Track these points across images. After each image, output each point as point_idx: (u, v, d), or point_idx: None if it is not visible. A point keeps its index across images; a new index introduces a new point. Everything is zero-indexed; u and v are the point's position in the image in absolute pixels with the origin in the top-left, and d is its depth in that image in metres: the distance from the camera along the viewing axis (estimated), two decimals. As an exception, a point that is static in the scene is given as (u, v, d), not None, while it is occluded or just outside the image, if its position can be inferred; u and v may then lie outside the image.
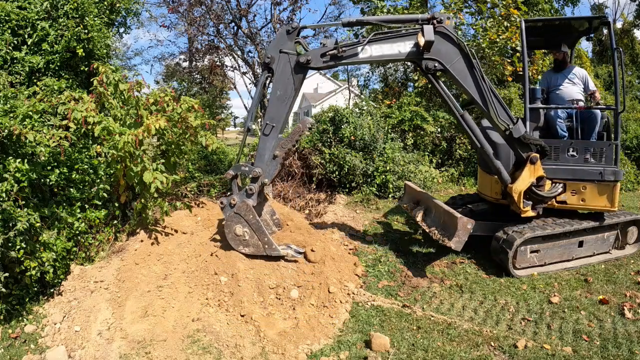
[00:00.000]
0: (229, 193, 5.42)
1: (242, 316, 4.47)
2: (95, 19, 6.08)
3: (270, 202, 6.11)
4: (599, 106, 6.11)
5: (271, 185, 8.78)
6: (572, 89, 6.23)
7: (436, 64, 5.08)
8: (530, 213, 5.50)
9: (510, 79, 12.58)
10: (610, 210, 5.74)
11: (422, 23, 5.01)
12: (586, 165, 5.73)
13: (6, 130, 4.25)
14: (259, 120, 11.87)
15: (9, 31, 5.77)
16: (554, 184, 5.75)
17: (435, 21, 4.96)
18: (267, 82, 5.35)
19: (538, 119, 6.09)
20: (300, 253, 5.18)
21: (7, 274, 4.25)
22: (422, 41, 4.91)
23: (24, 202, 4.42)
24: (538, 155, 5.26)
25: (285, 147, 5.08)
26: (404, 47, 5.07)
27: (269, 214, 5.74)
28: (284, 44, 5.15)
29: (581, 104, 6.17)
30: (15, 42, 5.83)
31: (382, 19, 5.51)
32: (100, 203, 5.34)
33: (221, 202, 5.16)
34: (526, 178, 5.30)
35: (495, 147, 5.69)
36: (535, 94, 6.07)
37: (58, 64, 5.94)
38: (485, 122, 5.93)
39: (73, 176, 5.07)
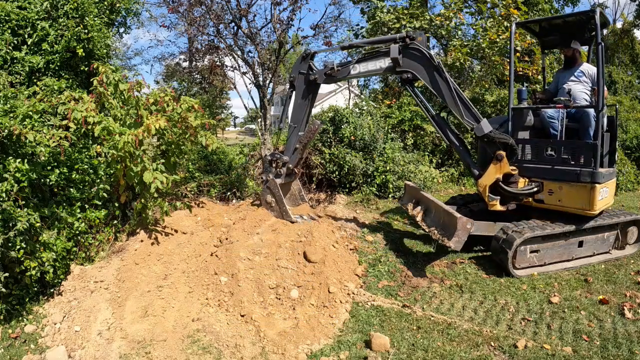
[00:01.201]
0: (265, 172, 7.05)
1: (242, 316, 4.48)
2: (95, 19, 6.08)
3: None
4: (578, 105, 6.04)
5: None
6: (576, 87, 6.16)
7: (409, 75, 5.91)
8: (498, 207, 5.73)
9: (509, 78, 12.57)
10: (588, 213, 5.59)
11: (399, 41, 5.82)
12: (563, 165, 5.69)
13: (6, 130, 4.25)
14: (259, 120, 11.87)
15: (9, 31, 5.77)
16: (530, 182, 5.83)
17: (408, 39, 5.77)
18: (292, 95, 6.77)
19: (522, 119, 6.11)
20: (312, 219, 6.34)
21: (7, 274, 4.25)
22: (391, 58, 5.84)
23: (24, 202, 4.42)
24: (504, 153, 5.53)
25: (302, 142, 6.52)
26: (384, 63, 6.06)
27: (297, 190, 7.11)
28: (301, 67, 6.53)
29: (585, 102, 6.11)
30: (15, 42, 5.83)
31: (367, 41, 6.85)
32: (100, 203, 5.34)
33: (262, 178, 6.88)
34: (491, 174, 5.62)
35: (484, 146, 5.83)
36: (521, 95, 6.26)
37: (58, 64, 5.94)
38: None
39: (73, 176, 5.07)
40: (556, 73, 6.93)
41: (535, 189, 5.79)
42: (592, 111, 5.80)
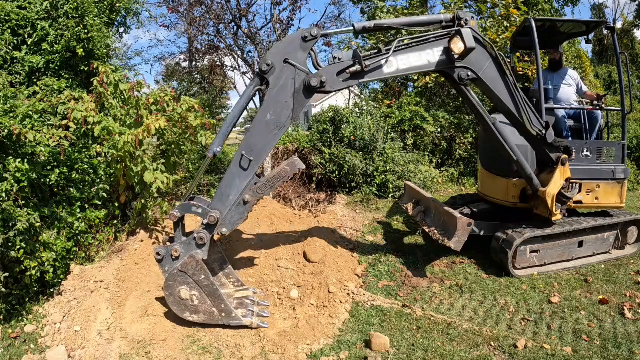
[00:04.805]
0: (167, 243, 4.20)
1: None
2: (95, 18, 6.08)
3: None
4: (608, 107, 6.22)
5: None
6: (568, 89, 6.34)
7: (469, 73, 4.44)
8: (559, 216, 5.43)
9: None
10: (619, 207, 6.00)
11: (446, 25, 4.41)
12: (599, 165, 5.87)
13: (6, 130, 4.25)
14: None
15: (9, 31, 5.77)
16: (571, 185, 5.72)
17: (462, 22, 4.34)
18: (256, 94, 4.38)
19: (551, 120, 6.10)
20: (265, 316, 4.29)
21: (7, 274, 4.25)
22: (459, 48, 4.22)
23: (24, 202, 4.42)
24: (567, 156, 5.21)
25: (260, 194, 3.92)
26: (433, 55, 4.30)
27: (217, 262, 4.52)
28: (292, 53, 3.93)
29: (576, 104, 6.25)
30: (15, 42, 5.83)
31: (402, 22, 4.60)
32: (100, 203, 5.34)
33: (157, 254, 3.95)
34: (558, 181, 5.20)
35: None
36: (548, 94, 5.94)
37: (58, 64, 5.94)
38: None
39: (73, 176, 5.07)
40: (542, 73, 6.90)
41: (577, 190, 5.74)
42: (599, 112, 6.05)
